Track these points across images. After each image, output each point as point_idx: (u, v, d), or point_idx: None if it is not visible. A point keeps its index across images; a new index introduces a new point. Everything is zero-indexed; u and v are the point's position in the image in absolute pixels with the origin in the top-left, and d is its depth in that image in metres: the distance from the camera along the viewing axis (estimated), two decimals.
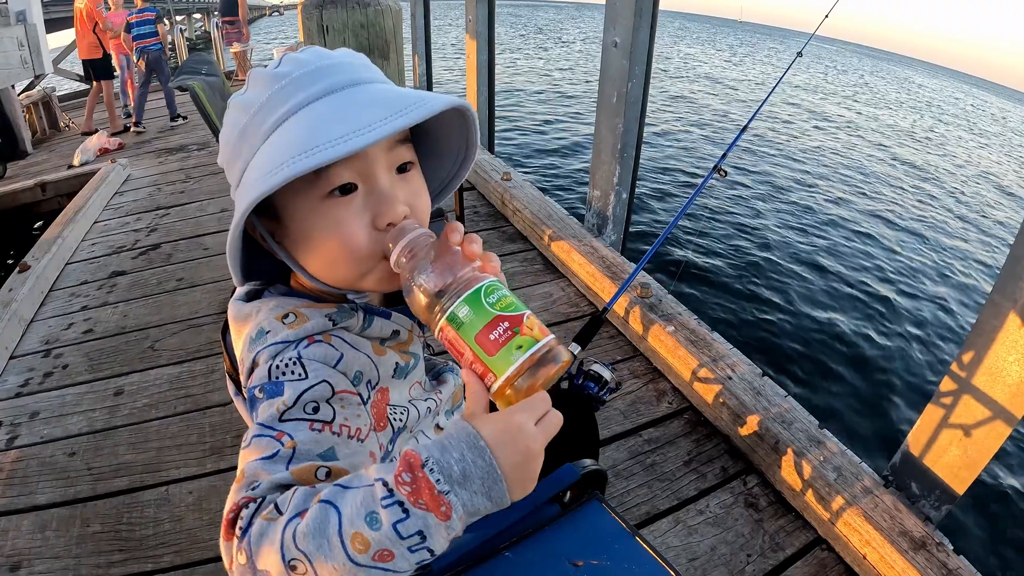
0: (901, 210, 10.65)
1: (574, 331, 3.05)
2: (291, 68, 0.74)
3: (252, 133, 0.74)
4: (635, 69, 3.19)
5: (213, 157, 6.47)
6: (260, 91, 0.75)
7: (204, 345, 3.13)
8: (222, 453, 2.43)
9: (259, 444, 0.67)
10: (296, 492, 0.59)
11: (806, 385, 5.04)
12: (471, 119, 0.84)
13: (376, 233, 0.75)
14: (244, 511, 0.59)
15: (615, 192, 3.53)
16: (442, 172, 0.94)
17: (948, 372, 1.89)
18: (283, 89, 0.73)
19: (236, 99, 0.78)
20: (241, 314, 0.82)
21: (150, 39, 8.28)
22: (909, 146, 18.12)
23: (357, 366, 0.78)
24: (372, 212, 0.75)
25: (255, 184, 0.68)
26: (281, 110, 0.73)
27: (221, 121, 2.25)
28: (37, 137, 8.75)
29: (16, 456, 2.49)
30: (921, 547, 1.81)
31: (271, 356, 0.74)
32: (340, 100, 0.73)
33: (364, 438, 0.74)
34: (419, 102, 0.71)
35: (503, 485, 0.58)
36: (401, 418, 0.87)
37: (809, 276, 7.09)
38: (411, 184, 0.80)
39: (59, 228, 4.49)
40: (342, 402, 0.73)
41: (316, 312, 0.78)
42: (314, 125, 0.69)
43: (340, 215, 0.74)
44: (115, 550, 2.06)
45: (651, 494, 2.19)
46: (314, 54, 0.77)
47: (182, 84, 2.33)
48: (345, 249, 0.75)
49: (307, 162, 0.65)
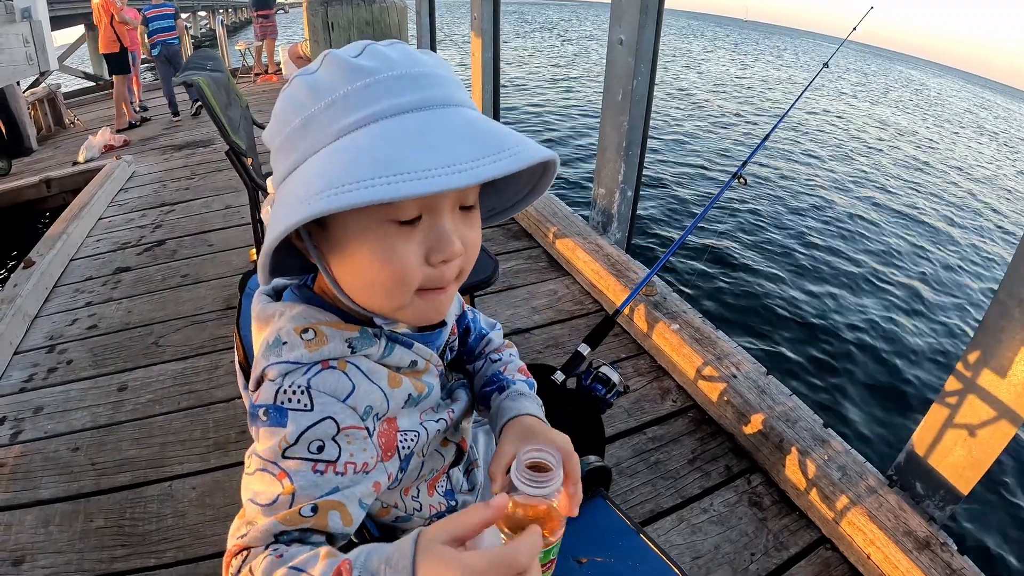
0: (907, 211, 10.63)
1: (579, 328, 3.07)
2: (378, 65, 0.66)
3: (319, 127, 0.66)
4: (640, 67, 3.19)
5: (218, 154, 6.49)
6: (336, 80, 0.66)
7: (208, 341, 3.13)
8: (226, 449, 2.43)
9: (262, 479, 0.70)
10: (265, 562, 0.63)
11: (811, 384, 5.05)
12: (552, 170, 0.78)
13: (425, 267, 0.70)
14: (235, 559, 0.66)
15: (620, 190, 3.52)
16: (492, 200, 0.89)
17: (953, 372, 1.88)
18: (367, 88, 0.65)
19: (305, 78, 0.69)
20: (265, 314, 0.80)
21: (168, 33, 8.32)
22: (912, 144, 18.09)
23: (368, 400, 0.76)
24: (428, 247, 0.69)
25: (321, 195, 0.59)
26: (361, 113, 0.64)
27: (226, 116, 2.24)
28: (42, 134, 8.79)
29: (20, 451, 2.49)
30: (925, 547, 1.80)
31: (280, 374, 0.73)
32: (431, 121, 0.64)
33: (370, 471, 0.74)
34: (513, 148, 0.64)
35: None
36: (410, 444, 0.85)
37: (814, 277, 7.09)
38: (470, 222, 0.75)
39: (64, 224, 4.50)
40: (348, 438, 0.72)
41: (337, 334, 0.75)
42: (401, 146, 0.61)
43: (395, 243, 0.68)
44: (118, 545, 2.06)
45: (655, 492, 2.19)
46: (405, 55, 0.69)
47: (187, 79, 2.33)
48: (391, 277, 0.70)
49: (390, 191, 0.57)
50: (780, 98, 21.76)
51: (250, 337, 0.84)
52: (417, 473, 0.90)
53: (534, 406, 0.95)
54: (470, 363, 1.08)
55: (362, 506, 0.73)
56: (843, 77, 37.66)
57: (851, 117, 21.25)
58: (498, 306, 3.26)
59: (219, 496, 2.22)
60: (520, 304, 3.30)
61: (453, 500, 0.99)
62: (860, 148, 15.87)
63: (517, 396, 0.96)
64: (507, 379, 1.00)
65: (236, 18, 31.95)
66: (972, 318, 6.83)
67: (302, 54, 9.63)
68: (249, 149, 2.53)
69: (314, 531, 0.67)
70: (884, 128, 20.24)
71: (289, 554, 0.63)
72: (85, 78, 14.62)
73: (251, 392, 0.77)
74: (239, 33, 28.60)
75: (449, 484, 0.99)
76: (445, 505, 0.97)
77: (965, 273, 8.29)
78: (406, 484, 0.90)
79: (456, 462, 1.00)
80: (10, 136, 7.82)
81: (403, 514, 0.90)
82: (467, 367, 1.08)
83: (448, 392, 1.00)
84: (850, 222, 9.26)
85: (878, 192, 11.49)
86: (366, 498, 0.74)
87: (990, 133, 27.40)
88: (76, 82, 14.61)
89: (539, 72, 20.98)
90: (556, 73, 21.02)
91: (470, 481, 1.04)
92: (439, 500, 0.96)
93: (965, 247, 9.43)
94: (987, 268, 8.75)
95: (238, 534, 0.67)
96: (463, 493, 1.01)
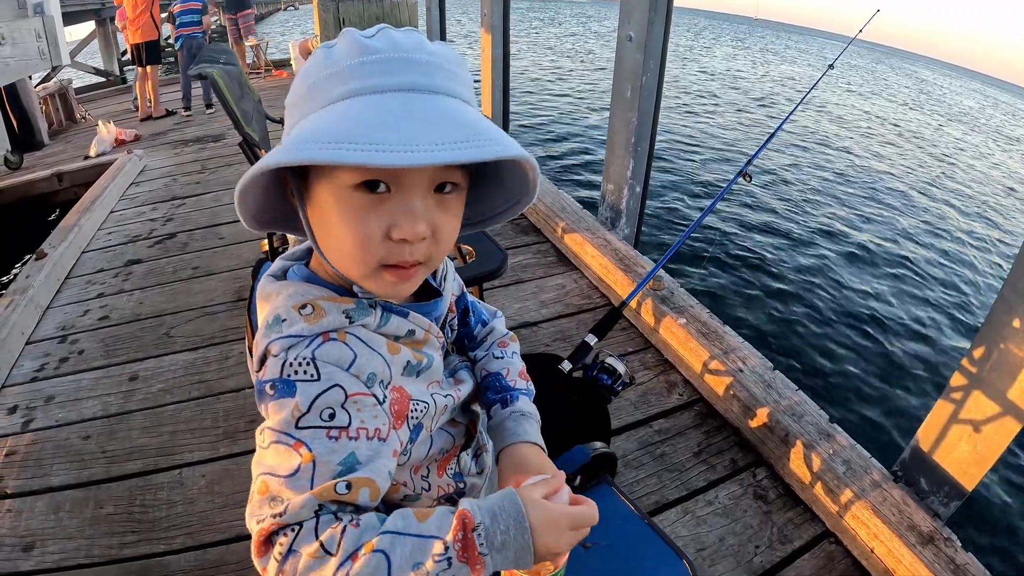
0: (913, 206, 10.60)
1: (586, 322, 3.08)
2: (384, 46, 0.70)
3: (319, 91, 0.71)
4: (649, 63, 3.19)
5: (228, 148, 6.52)
6: (344, 54, 0.70)
7: (219, 332, 3.15)
8: (235, 438, 2.45)
9: (277, 452, 0.71)
10: (345, 534, 0.65)
11: (816, 379, 5.04)
12: (532, 173, 0.80)
13: (387, 242, 0.72)
14: (282, 537, 0.66)
15: (628, 186, 3.53)
16: (497, 201, 0.91)
17: (959, 367, 1.88)
18: (366, 64, 0.69)
19: (323, 50, 0.73)
20: (264, 292, 0.82)
21: (194, 27, 8.37)
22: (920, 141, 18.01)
23: (370, 367, 0.78)
24: (391, 221, 0.71)
25: (293, 146, 0.64)
26: (354, 84, 0.68)
27: (240, 109, 2.26)
28: (53, 128, 8.82)
29: (31, 439, 2.52)
30: (929, 542, 1.81)
31: (283, 349, 0.74)
32: (415, 103, 0.68)
33: (385, 437, 0.76)
34: (479, 140, 0.66)
35: (530, 559, 0.69)
36: (419, 415, 0.86)
37: (820, 273, 7.07)
38: (445, 207, 0.76)
39: (76, 217, 4.54)
40: (357, 404, 0.74)
41: (334, 307, 0.77)
42: (377, 119, 0.65)
43: (360, 211, 0.71)
44: (128, 531, 2.08)
45: (660, 484, 2.20)
46: (414, 41, 0.72)
47: (201, 72, 2.35)
48: (354, 244, 0.73)
49: (354, 156, 0.61)
50: (789, 94, 21.67)
51: (259, 322, 0.86)
52: (427, 451, 0.92)
53: (533, 429, 1.00)
54: (472, 350, 1.10)
55: (389, 476, 0.75)
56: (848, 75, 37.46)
57: (857, 114, 21.16)
58: (506, 299, 3.28)
59: (228, 484, 2.24)
60: (528, 298, 3.31)
61: (462, 482, 1.00)
62: (866, 144, 15.80)
63: (519, 418, 1.00)
64: (509, 389, 1.03)
65: None
66: (978, 314, 6.80)
67: (312, 49, 9.64)
68: (262, 140, 2.54)
69: (347, 504, 0.70)
70: (889, 125, 20.15)
71: (367, 521, 0.68)
72: (96, 74, 14.66)
73: (256, 371, 0.79)
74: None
75: (458, 467, 1.00)
76: (453, 487, 0.98)
77: (972, 269, 8.26)
78: (415, 462, 0.91)
79: (466, 445, 1.02)
80: (22, 130, 7.85)
81: (411, 493, 0.91)
82: (470, 353, 1.10)
83: (451, 372, 1.02)
84: (856, 218, 9.23)
85: (884, 188, 11.45)
86: (392, 468, 0.76)
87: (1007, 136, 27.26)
88: (87, 78, 14.66)
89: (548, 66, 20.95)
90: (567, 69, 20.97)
91: (479, 464, 1.05)
92: (448, 481, 0.98)
93: (973, 244, 9.39)
94: (994, 265, 8.72)
95: (269, 512, 0.67)
96: (472, 476, 1.03)
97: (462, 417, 1.02)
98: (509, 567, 0.68)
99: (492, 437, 1.02)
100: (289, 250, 0.92)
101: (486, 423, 1.05)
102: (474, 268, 2.12)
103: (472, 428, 1.03)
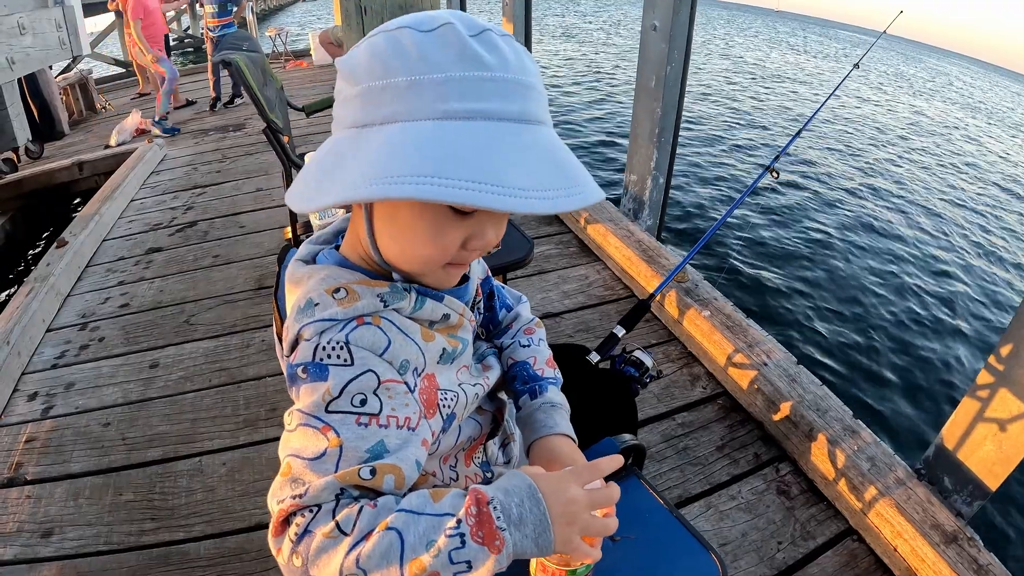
0: (939, 203, 10.48)
1: (609, 313, 3.06)
2: (496, 62, 0.66)
3: (424, 97, 0.64)
4: (674, 53, 3.16)
5: (249, 138, 6.53)
6: (451, 59, 0.65)
7: (240, 320, 3.16)
8: (256, 426, 2.45)
9: (305, 434, 0.69)
10: (361, 514, 0.64)
11: (841, 375, 5.00)
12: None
13: (461, 250, 0.75)
14: (299, 518, 0.65)
15: (652, 177, 3.50)
16: None
17: (985, 366, 1.86)
18: (482, 82, 0.65)
19: (419, 35, 0.67)
20: (294, 276, 0.82)
21: (225, 19, 8.42)
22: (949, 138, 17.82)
23: (404, 354, 0.77)
24: (470, 235, 0.74)
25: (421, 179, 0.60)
26: (470, 105, 0.64)
27: (263, 95, 2.26)
28: (74, 118, 8.87)
29: (51, 426, 2.53)
30: (952, 541, 1.78)
31: (316, 332, 0.73)
32: (525, 138, 0.66)
33: (415, 427, 0.75)
34: (583, 184, 0.67)
35: (550, 535, 0.66)
36: (451, 404, 0.86)
37: (846, 268, 7.00)
38: (505, 217, 0.78)
39: (97, 205, 4.56)
40: (388, 392, 0.73)
41: (368, 291, 0.77)
42: (498, 157, 0.62)
43: (446, 227, 0.72)
44: (147, 518, 2.09)
45: (683, 478, 2.18)
46: (517, 57, 0.68)
47: (225, 58, 2.34)
48: (433, 253, 0.75)
49: (481, 199, 0.59)
50: (817, 89, 21.49)
51: (287, 307, 0.84)
52: (455, 440, 0.91)
53: (563, 420, 0.99)
54: (498, 337, 1.10)
55: (417, 467, 0.73)
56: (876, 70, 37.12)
57: (886, 110, 20.97)
58: (529, 290, 3.26)
59: (248, 472, 2.24)
60: (551, 288, 3.29)
61: (489, 471, 0.99)
62: (895, 140, 15.63)
63: (548, 409, 0.99)
64: (537, 379, 1.02)
65: (266, 5, 32.06)
66: (1006, 311, 6.72)
67: (333, 39, 9.63)
68: (285, 127, 2.54)
69: (370, 490, 0.68)
70: (919, 121, 19.95)
71: (384, 503, 0.66)
72: (116, 64, 14.72)
73: (287, 356, 0.78)
74: (269, 19, 28.68)
75: (485, 456, 0.99)
76: (481, 476, 0.97)
77: (1001, 266, 8.16)
78: (444, 451, 0.90)
79: (492, 434, 1.00)
80: (42, 120, 7.88)
81: (439, 483, 0.90)
82: (495, 340, 1.10)
83: (480, 358, 1.02)
84: (883, 215, 9.13)
85: (911, 184, 11.32)
86: (421, 458, 0.75)
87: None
88: (107, 69, 14.73)
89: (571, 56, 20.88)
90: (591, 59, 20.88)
91: (506, 454, 1.05)
92: (475, 471, 0.97)
93: (1003, 240, 9.28)
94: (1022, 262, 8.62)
95: (290, 493, 0.66)
96: (499, 465, 1.02)
97: (489, 404, 1.01)
98: (529, 547, 0.65)
99: (522, 428, 1.00)
100: (314, 235, 0.91)
101: (514, 413, 1.04)
102: (501, 256, 2.11)
103: (499, 416, 1.02)
